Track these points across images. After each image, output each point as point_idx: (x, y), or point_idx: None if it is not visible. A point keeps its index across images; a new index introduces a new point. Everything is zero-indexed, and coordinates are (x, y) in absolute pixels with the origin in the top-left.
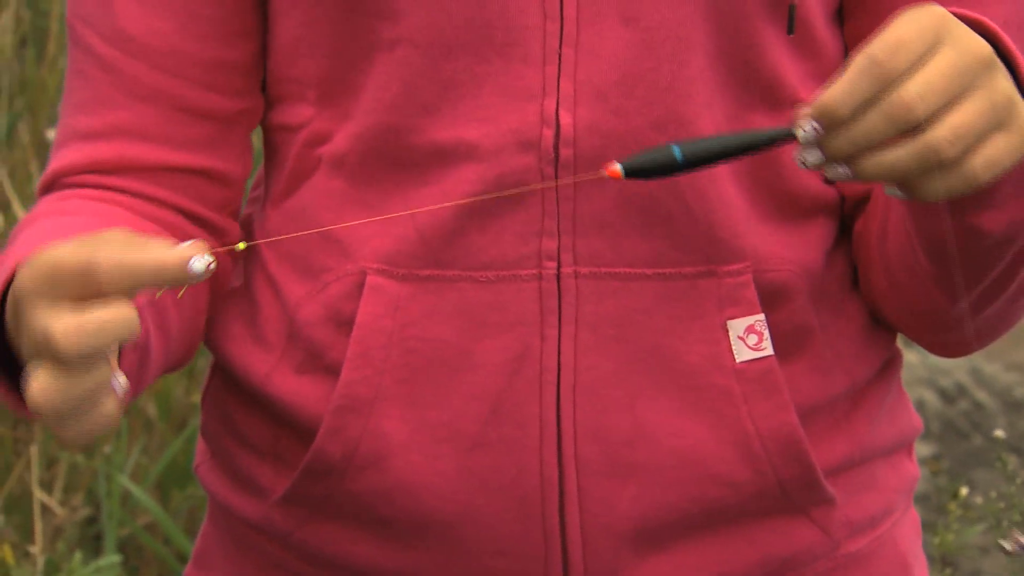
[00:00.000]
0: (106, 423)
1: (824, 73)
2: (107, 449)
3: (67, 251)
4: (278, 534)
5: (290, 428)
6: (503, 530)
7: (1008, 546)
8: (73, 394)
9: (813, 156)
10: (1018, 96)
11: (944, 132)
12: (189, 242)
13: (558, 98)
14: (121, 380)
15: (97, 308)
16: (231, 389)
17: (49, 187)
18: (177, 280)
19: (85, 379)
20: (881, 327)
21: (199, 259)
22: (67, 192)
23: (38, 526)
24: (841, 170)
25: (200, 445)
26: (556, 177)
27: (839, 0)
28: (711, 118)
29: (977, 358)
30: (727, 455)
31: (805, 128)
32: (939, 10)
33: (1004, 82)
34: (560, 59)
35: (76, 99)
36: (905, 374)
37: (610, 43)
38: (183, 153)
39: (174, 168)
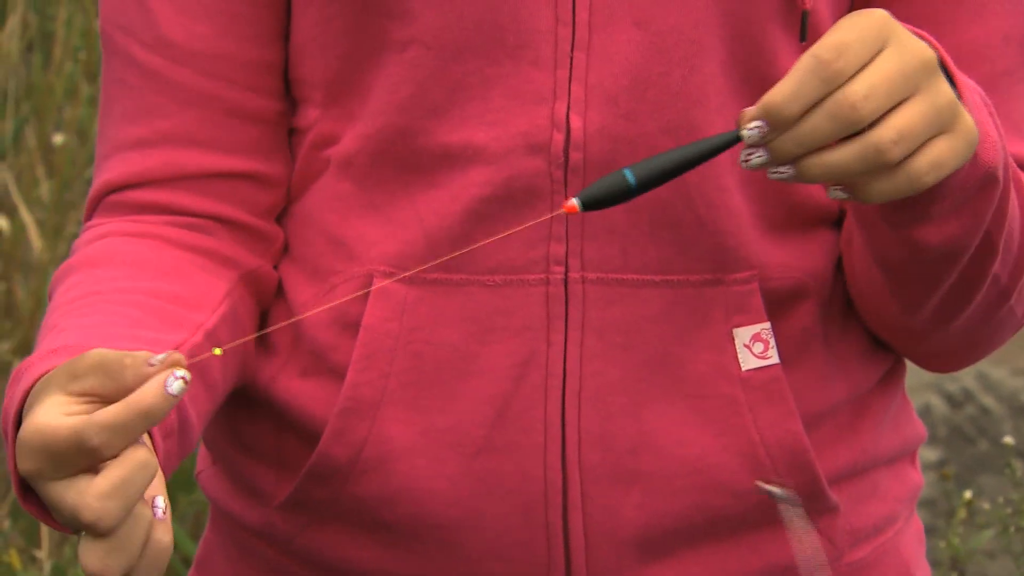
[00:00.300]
0: (166, 550)
1: None
2: None
3: (52, 428)
4: (280, 540)
5: (293, 432)
6: (507, 535)
7: (767, 485)
8: (128, 551)
9: (758, 157)
10: (959, 101)
11: (888, 133)
12: (161, 356)
13: (569, 102)
14: (160, 504)
15: (112, 468)
16: (233, 394)
17: (96, 204)
18: (165, 412)
19: (132, 533)
20: None
21: (173, 383)
22: (105, 227)
23: (44, 530)
24: (785, 171)
25: (201, 452)
26: (565, 182)
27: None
28: (724, 125)
29: (984, 363)
30: (732, 463)
31: (749, 128)
32: (882, 13)
33: (946, 86)
34: (571, 63)
35: (119, 109)
36: (911, 379)
37: (622, 47)
38: (232, 157)
39: (223, 174)
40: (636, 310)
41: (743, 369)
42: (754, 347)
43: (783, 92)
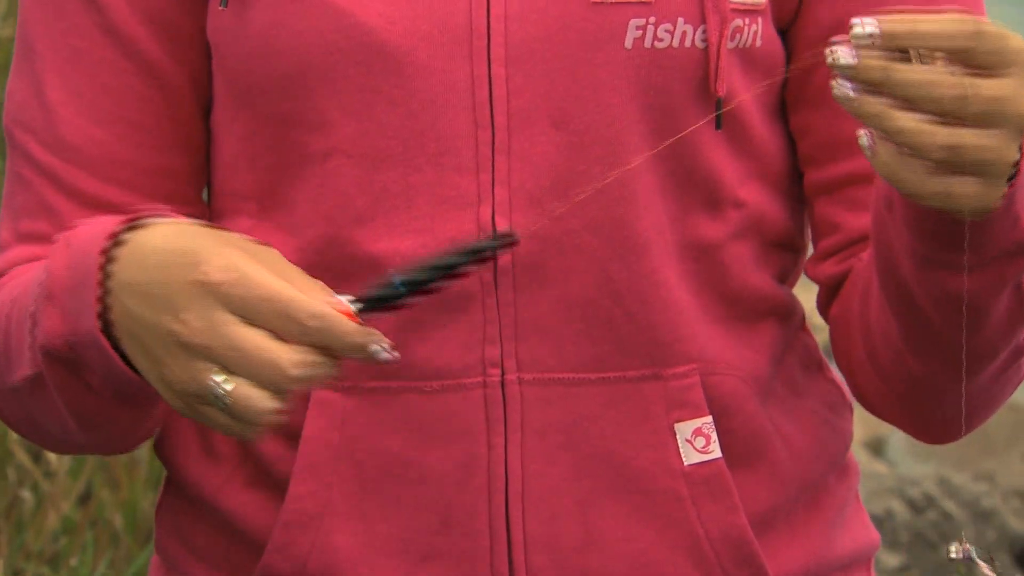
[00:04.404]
0: None
1: (763, 173)
2: (73, 562)
3: (260, 275)
4: None
5: (243, 541)
6: None
7: (954, 553)
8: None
9: (845, 57)
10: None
11: (970, 140)
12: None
13: (493, 205)
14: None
15: (306, 349)
16: (184, 501)
17: None
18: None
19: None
20: (833, 430)
21: (379, 351)
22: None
23: None
24: (848, 91)
25: (154, 561)
26: (495, 284)
27: (779, 96)
28: (651, 220)
29: (946, 468)
30: (677, 559)
31: (867, 26)
32: None
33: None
34: (493, 166)
35: (18, 202)
36: (873, 484)
37: (541, 147)
38: None
39: None
40: (575, 409)
41: (685, 464)
42: (696, 441)
43: (929, 22)
